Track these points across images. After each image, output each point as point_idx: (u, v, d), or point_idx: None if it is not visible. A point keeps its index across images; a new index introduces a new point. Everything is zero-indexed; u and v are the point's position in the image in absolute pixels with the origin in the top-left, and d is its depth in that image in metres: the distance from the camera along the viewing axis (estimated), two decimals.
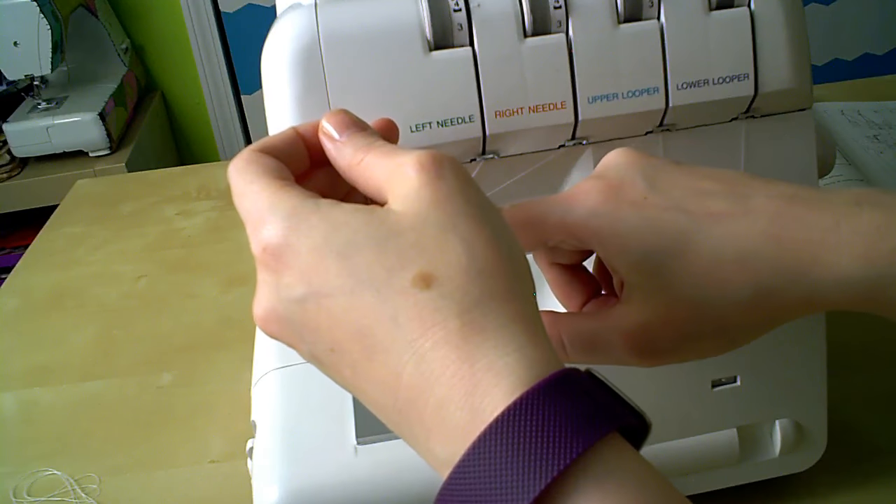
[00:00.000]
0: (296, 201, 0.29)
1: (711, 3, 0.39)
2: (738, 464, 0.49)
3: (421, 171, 0.29)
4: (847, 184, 0.79)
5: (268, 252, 0.29)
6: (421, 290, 0.27)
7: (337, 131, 0.32)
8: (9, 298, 0.82)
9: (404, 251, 0.28)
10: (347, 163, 0.32)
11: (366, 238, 0.28)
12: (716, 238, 0.32)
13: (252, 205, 0.30)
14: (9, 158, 1.48)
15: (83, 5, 1.59)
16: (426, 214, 0.28)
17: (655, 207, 0.33)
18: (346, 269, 0.28)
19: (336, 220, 0.29)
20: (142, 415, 0.65)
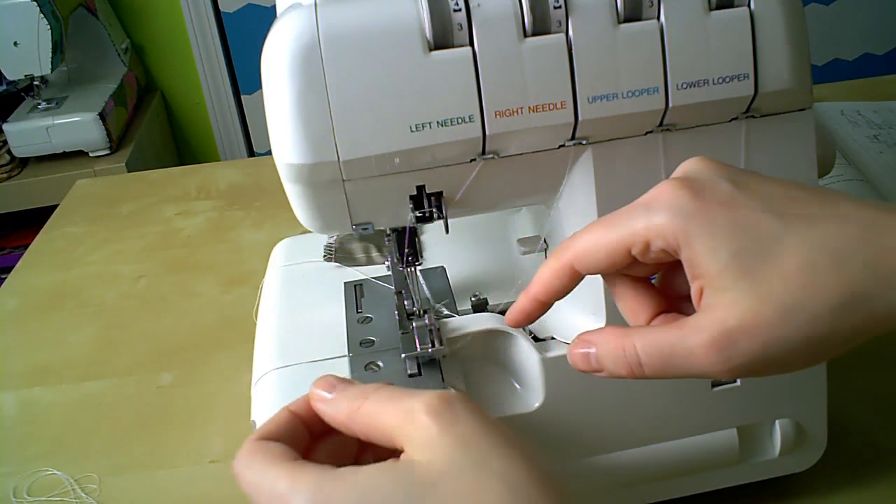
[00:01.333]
0: (315, 476, 0.29)
1: (711, 3, 0.39)
2: (738, 464, 0.49)
3: (436, 417, 0.29)
4: (847, 184, 0.79)
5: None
6: None
7: (327, 392, 0.33)
8: (9, 298, 0.82)
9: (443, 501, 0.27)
10: (346, 414, 0.32)
11: (399, 496, 0.28)
12: (809, 240, 0.30)
13: (271, 493, 0.30)
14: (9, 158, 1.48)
15: (83, 5, 1.59)
16: (454, 459, 0.28)
17: (745, 207, 0.31)
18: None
19: (364, 486, 0.28)
20: (142, 415, 0.65)
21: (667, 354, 0.32)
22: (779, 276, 0.30)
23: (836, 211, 0.31)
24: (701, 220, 0.31)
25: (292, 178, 0.40)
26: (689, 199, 0.31)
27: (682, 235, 0.31)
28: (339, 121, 0.38)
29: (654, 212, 0.32)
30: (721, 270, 0.31)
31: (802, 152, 0.43)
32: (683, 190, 0.32)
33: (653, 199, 0.32)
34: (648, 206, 0.32)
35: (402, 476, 0.28)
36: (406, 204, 0.42)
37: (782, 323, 0.30)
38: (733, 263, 0.30)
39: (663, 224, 0.31)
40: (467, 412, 0.30)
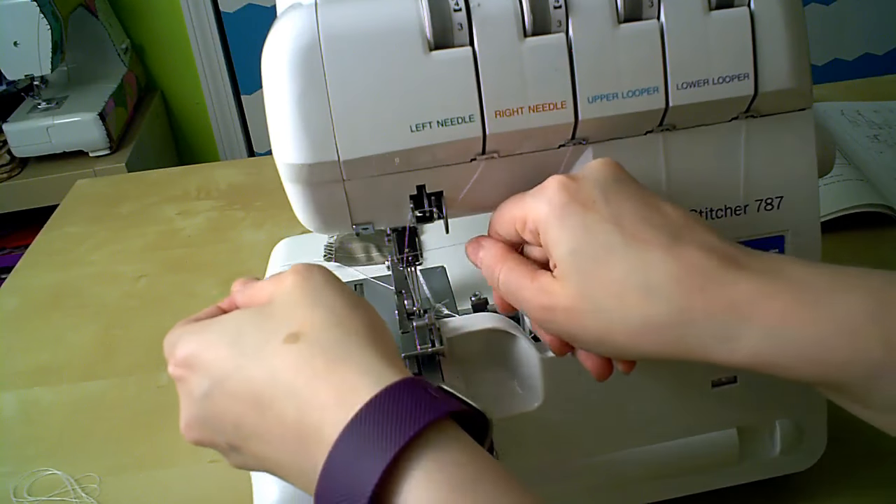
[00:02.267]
0: (198, 324, 0.38)
1: (711, 3, 0.39)
2: (738, 464, 0.49)
3: (295, 273, 0.37)
4: (847, 184, 0.79)
5: (179, 366, 0.37)
6: (291, 345, 0.34)
7: (241, 285, 0.41)
8: (9, 298, 0.82)
9: (277, 322, 0.36)
10: (247, 297, 0.39)
11: (249, 324, 0.36)
12: (632, 261, 0.35)
13: (170, 339, 0.38)
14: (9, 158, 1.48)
15: (83, 5, 1.59)
16: (296, 293, 0.37)
17: (597, 215, 0.36)
18: (235, 351, 0.35)
19: (228, 320, 0.37)
20: (142, 415, 0.65)
21: (514, 290, 0.39)
22: (601, 281, 0.35)
23: (671, 244, 0.35)
24: (559, 214, 0.36)
25: (292, 178, 0.40)
26: (561, 194, 0.37)
27: (542, 223, 0.37)
28: (339, 121, 0.38)
29: (537, 198, 0.37)
30: (561, 260, 0.36)
31: (802, 152, 0.43)
32: (561, 186, 0.37)
33: (542, 187, 0.38)
34: (536, 193, 0.38)
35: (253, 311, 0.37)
36: (406, 204, 0.42)
37: (591, 319, 0.36)
38: (570, 258, 0.36)
39: (536, 210, 0.37)
40: (321, 272, 0.38)
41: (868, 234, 0.76)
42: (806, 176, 0.44)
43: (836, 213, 0.76)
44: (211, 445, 0.38)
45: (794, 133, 0.43)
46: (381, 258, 0.58)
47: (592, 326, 0.36)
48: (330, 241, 0.60)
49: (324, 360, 0.34)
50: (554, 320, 0.37)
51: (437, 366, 0.46)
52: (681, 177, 0.42)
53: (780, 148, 0.43)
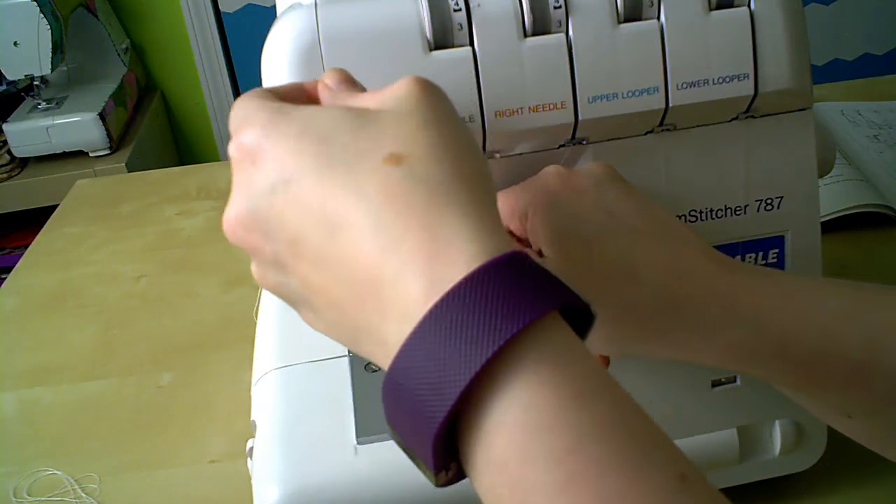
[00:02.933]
0: (281, 107, 0.30)
1: (711, 3, 0.39)
2: (738, 464, 0.49)
3: (414, 82, 0.30)
4: (847, 184, 0.79)
5: (244, 149, 0.29)
6: (390, 167, 0.27)
7: (334, 83, 0.33)
8: (9, 298, 0.82)
9: (380, 135, 0.28)
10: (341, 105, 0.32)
11: (343, 125, 0.28)
12: (621, 246, 0.35)
13: (241, 113, 0.30)
14: (9, 158, 1.48)
15: (83, 5, 1.59)
16: (409, 109, 0.29)
17: (590, 201, 0.36)
18: (323, 151, 0.28)
19: (316, 113, 0.29)
20: (142, 415, 0.65)
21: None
22: (587, 264, 0.35)
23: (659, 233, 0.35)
24: (550, 198, 0.36)
25: None
26: (553, 182, 0.37)
27: (532, 207, 0.37)
28: None
29: (530, 185, 0.38)
30: (548, 241, 0.36)
31: (802, 152, 0.43)
32: (556, 175, 0.37)
33: (535, 177, 0.38)
34: (529, 181, 0.38)
35: (353, 112, 0.29)
36: None
37: None
38: (558, 238, 0.35)
39: (527, 196, 0.37)
40: (441, 95, 0.30)
41: (868, 234, 0.76)
42: (806, 176, 0.44)
43: (836, 213, 0.76)
44: (252, 251, 0.31)
45: (794, 133, 0.43)
46: None
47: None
48: None
49: (426, 194, 0.27)
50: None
51: None
52: (681, 177, 0.42)
53: (780, 148, 0.43)
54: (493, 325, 0.23)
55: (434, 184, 0.27)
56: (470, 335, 0.23)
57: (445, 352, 0.24)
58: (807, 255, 0.45)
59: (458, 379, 0.23)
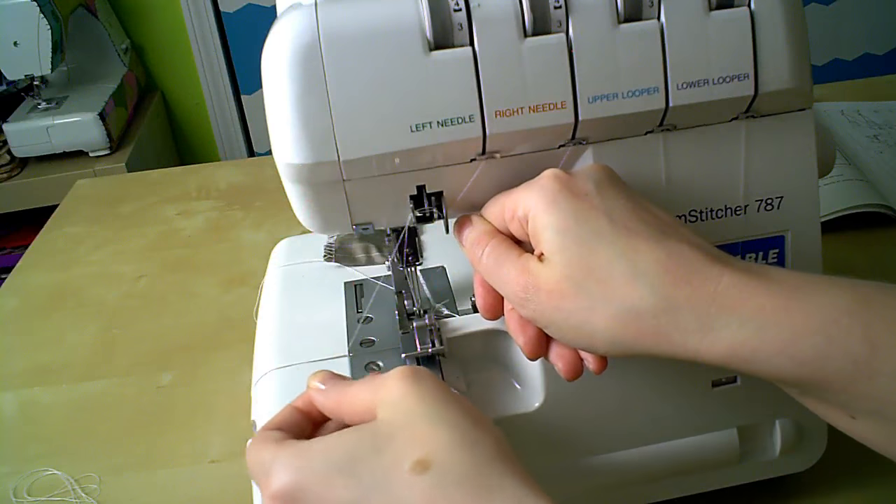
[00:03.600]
0: (293, 447, 0.34)
1: (711, 3, 0.39)
2: (738, 464, 0.49)
3: (403, 379, 0.34)
4: (847, 184, 0.79)
5: (278, 498, 0.33)
6: (420, 475, 0.31)
7: (322, 383, 0.37)
8: (9, 298, 0.82)
9: (400, 448, 0.32)
10: (335, 401, 0.36)
11: (363, 449, 0.32)
12: (620, 247, 0.35)
13: (259, 465, 0.34)
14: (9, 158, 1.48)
15: (83, 5, 1.59)
16: (413, 410, 0.33)
17: (588, 204, 0.37)
18: (353, 481, 0.31)
19: (333, 445, 0.33)
20: (142, 415, 0.65)
21: (497, 265, 0.38)
22: (587, 264, 0.35)
23: (659, 237, 0.36)
24: (550, 200, 0.37)
25: (292, 178, 0.40)
26: (554, 183, 0.37)
27: (532, 209, 0.37)
28: (339, 121, 0.38)
29: (529, 188, 0.38)
30: (548, 242, 0.36)
31: (802, 152, 0.43)
32: (555, 178, 0.37)
33: (535, 180, 0.38)
34: (529, 184, 0.38)
35: (365, 432, 0.33)
36: (406, 204, 0.42)
37: (572, 302, 0.35)
38: (557, 239, 0.36)
39: (528, 198, 0.38)
40: (430, 378, 0.35)
41: (868, 234, 0.76)
42: (806, 176, 0.44)
43: (836, 213, 0.76)
44: None
45: (794, 133, 0.43)
46: (381, 258, 0.58)
47: (573, 310, 0.36)
48: (330, 241, 0.60)
49: (461, 492, 0.30)
50: (535, 301, 0.37)
51: (438, 366, 0.46)
52: (681, 177, 0.42)
53: (780, 148, 0.43)
54: None
55: (465, 475, 0.31)
56: None
57: None
58: (807, 255, 0.45)
59: None
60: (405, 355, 0.46)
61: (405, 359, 0.46)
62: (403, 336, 0.47)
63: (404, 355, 0.46)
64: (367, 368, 0.47)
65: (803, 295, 0.33)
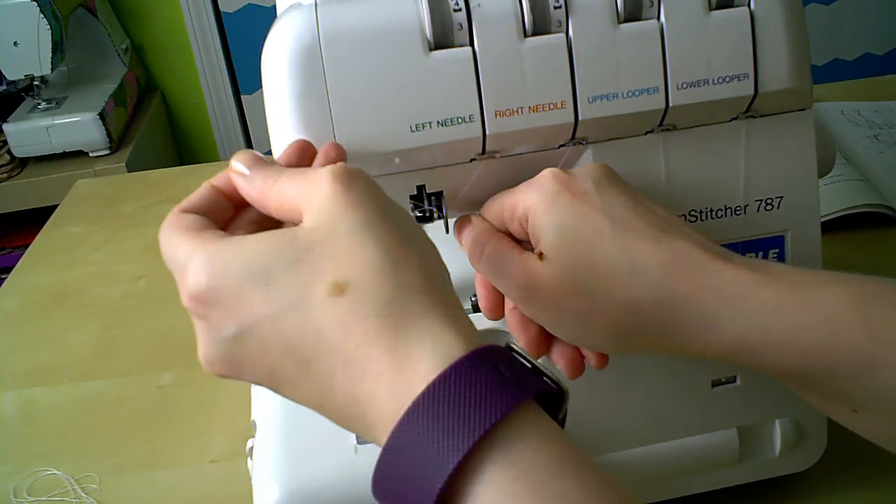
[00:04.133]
0: (211, 245, 0.31)
1: (711, 3, 0.39)
2: (738, 464, 0.49)
3: (334, 181, 0.31)
4: (847, 184, 0.79)
5: (194, 300, 0.31)
6: (337, 298, 0.29)
7: (247, 167, 0.34)
8: (9, 298, 0.82)
9: (316, 264, 0.29)
10: (259, 192, 0.33)
11: (281, 261, 0.30)
12: (620, 245, 0.35)
13: (174, 261, 0.32)
14: (9, 158, 1.48)
15: (83, 5, 1.59)
16: (336, 223, 0.30)
17: (588, 203, 0.37)
18: (267, 296, 0.29)
19: (251, 251, 0.30)
20: (142, 415, 0.65)
21: (497, 264, 0.38)
22: (587, 262, 0.36)
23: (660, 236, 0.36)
24: (550, 200, 0.37)
25: None
26: (553, 183, 0.37)
27: (532, 210, 0.37)
28: (339, 120, 0.38)
29: (529, 188, 0.38)
30: (548, 241, 0.36)
31: (802, 152, 0.43)
32: (554, 178, 0.37)
33: (534, 180, 0.38)
34: (528, 183, 0.38)
35: (285, 241, 0.30)
36: (406, 204, 0.42)
37: (574, 299, 0.36)
38: (558, 238, 0.36)
39: (527, 198, 0.37)
40: (363, 182, 0.31)
41: (868, 234, 0.76)
42: (806, 176, 0.44)
43: (836, 213, 0.76)
44: (237, 379, 0.33)
45: (794, 133, 0.43)
46: None
47: (575, 307, 0.36)
48: None
49: (377, 321, 0.28)
50: (536, 299, 0.37)
51: None
52: (681, 177, 0.42)
53: (780, 148, 0.43)
54: (459, 429, 0.26)
55: (383, 303, 0.29)
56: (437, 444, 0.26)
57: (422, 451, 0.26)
58: (807, 255, 0.45)
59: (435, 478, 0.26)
60: None
61: None
62: None
63: None
64: None
65: (806, 289, 0.33)
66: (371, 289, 0.29)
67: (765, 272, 0.34)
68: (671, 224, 0.37)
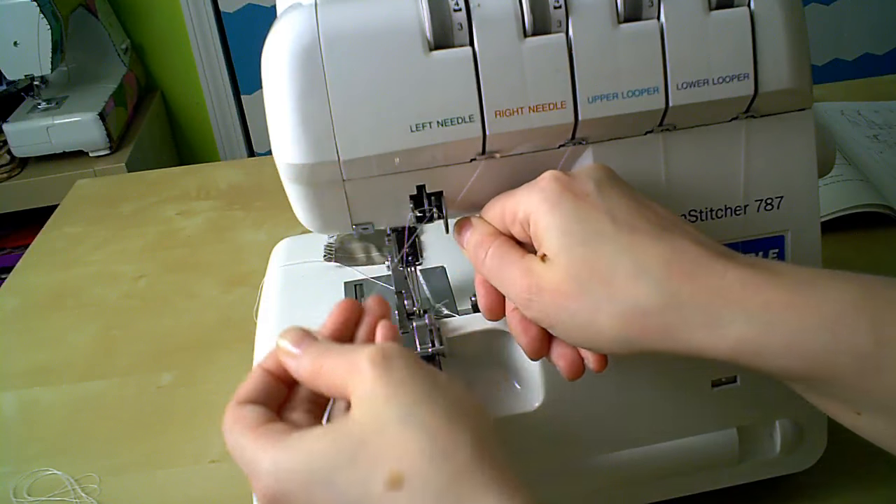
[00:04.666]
0: (275, 448, 0.33)
1: (711, 3, 0.39)
2: (738, 464, 0.49)
3: (374, 366, 0.33)
4: (847, 184, 0.79)
5: (267, 501, 0.34)
6: (395, 492, 0.30)
7: (294, 346, 0.36)
8: (9, 298, 0.82)
9: (373, 459, 0.31)
10: (309, 373, 0.35)
11: (339, 460, 0.32)
12: (623, 245, 0.35)
13: (242, 461, 0.34)
14: (9, 158, 1.48)
15: (83, 5, 1.59)
16: (382, 413, 0.32)
17: (589, 204, 0.37)
18: (332, 494, 0.32)
19: (312, 453, 0.32)
20: (142, 415, 0.65)
21: (500, 267, 0.38)
22: (590, 264, 0.35)
23: (662, 234, 0.36)
24: (552, 202, 0.37)
25: (292, 178, 0.40)
26: (555, 184, 0.37)
27: (534, 212, 0.37)
28: (339, 121, 0.38)
29: (530, 190, 0.38)
30: (551, 243, 0.36)
31: (802, 152, 0.43)
32: (555, 180, 0.37)
33: (535, 182, 0.38)
34: (529, 185, 0.38)
35: (341, 438, 0.32)
36: (406, 204, 0.42)
37: (577, 302, 0.35)
38: (560, 240, 0.36)
39: (529, 200, 0.37)
40: (402, 362, 0.33)
41: (868, 234, 0.76)
42: (806, 176, 0.44)
43: (836, 213, 0.76)
44: None
45: (794, 133, 0.43)
46: (381, 258, 0.58)
47: (578, 310, 0.36)
48: (330, 241, 0.60)
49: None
50: (539, 301, 0.37)
51: (438, 366, 0.46)
52: (681, 177, 0.42)
53: (780, 148, 0.43)
54: None
55: (439, 494, 0.30)
56: None
57: None
58: (807, 255, 0.45)
59: None
60: None
61: None
62: (403, 336, 0.47)
63: None
64: None
65: (809, 289, 0.33)
66: (425, 479, 0.30)
67: (767, 271, 0.34)
68: (673, 223, 0.37)
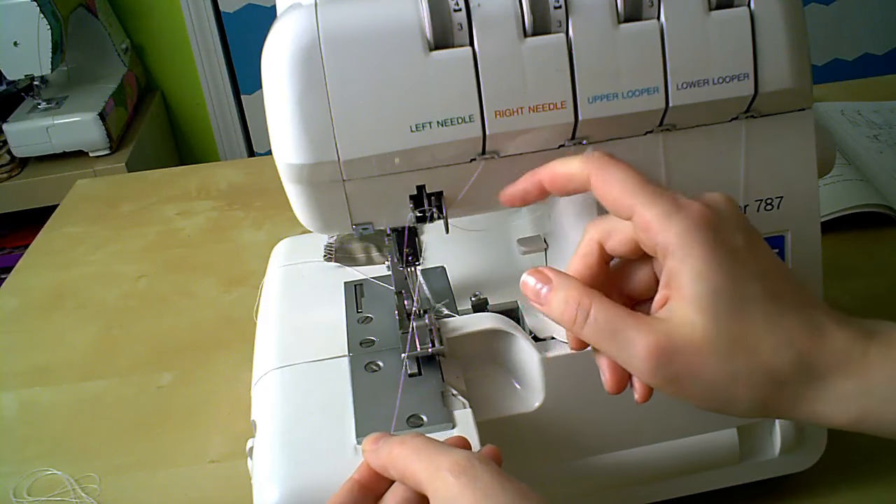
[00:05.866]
0: None
1: (711, 3, 0.39)
2: (738, 464, 0.49)
3: (459, 476, 0.34)
4: (847, 184, 0.79)
5: None
6: None
7: (373, 444, 0.38)
8: (9, 298, 0.82)
9: None
10: (385, 460, 0.37)
11: None
12: (769, 315, 0.34)
13: None
14: (9, 158, 1.48)
15: (83, 5, 1.59)
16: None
17: (741, 263, 0.34)
18: None
19: None
20: (142, 415, 0.65)
21: (611, 330, 0.35)
22: (736, 332, 0.33)
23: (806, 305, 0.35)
24: (703, 249, 0.34)
25: (292, 178, 0.40)
26: (705, 229, 0.34)
27: (679, 249, 0.34)
28: (339, 121, 0.38)
29: (674, 215, 0.34)
30: (694, 296, 0.34)
31: (802, 152, 0.43)
32: (706, 217, 0.34)
33: (682, 206, 0.34)
34: (677, 207, 0.34)
35: None
36: (406, 204, 0.42)
37: (715, 367, 0.34)
38: (708, 297, 0.33)
39: (666, 234, 0.34)
40: (487, 472, 0.34)
41: (868, 234, 0.76)
42: (806, 176, 0.44)
43: (836, 213, 0.76)
44: None
45: (794, 133, 0.43)
46: (381, 258, 0.58)
47: (715, 379, 0.34)
48: (330, 241, 0.60)
49: None
50: (669, 367, 0.34)
51: (437, 366, 0.46)
52: (681, 177, 0.42)
53: (780, 148, 0.43)
54: None
55: None
56: None
57: None
58: (807, 255, 0.45)
59: None
60: (405, 355, 0.46)
61: (405, 359, 0.46)
62: (403, 336, 0.47)
63: (404, 355, 0.46)
64: (367, 368, 0.47)
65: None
66: None
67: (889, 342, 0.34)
68: (803, 290, 0.36)
